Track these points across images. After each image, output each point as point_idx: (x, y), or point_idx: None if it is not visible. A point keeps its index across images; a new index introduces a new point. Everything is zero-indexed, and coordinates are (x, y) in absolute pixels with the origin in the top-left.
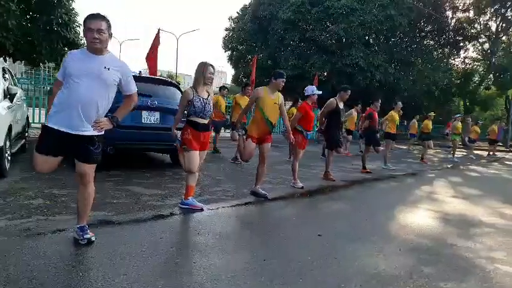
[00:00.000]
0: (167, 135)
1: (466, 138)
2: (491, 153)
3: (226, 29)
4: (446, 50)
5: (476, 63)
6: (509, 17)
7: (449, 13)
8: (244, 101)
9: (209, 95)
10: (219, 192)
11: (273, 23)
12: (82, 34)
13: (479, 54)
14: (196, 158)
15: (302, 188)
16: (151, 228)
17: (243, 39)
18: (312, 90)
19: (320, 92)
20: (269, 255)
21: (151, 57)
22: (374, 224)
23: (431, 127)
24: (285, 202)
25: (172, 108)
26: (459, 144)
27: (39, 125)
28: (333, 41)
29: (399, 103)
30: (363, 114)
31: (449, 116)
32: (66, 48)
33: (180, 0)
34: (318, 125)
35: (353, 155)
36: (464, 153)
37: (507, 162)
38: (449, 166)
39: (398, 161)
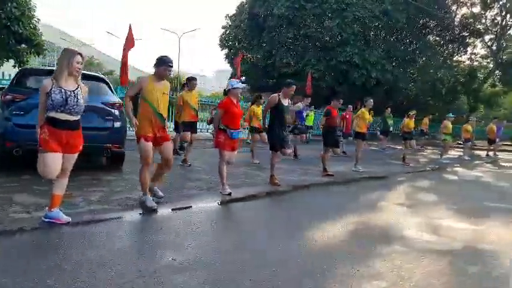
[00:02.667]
0: (86, 136)
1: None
2: (490, 153)
3: (223, 27)
4: (451, 46)
5: (483, 60)
6: None
7: (453, 8)
8: (191, 97)
9: (78, 87)
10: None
11: (268, 20)
12: (41, 30)
13: (486, 51)
14: (52, 161)
15: (229, 194)
16: None
17: (239, 37)
18: (232, 84)
19: (244, 85)
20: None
21: (125, 53)
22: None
23: (413, 126)
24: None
25: (93, 105)
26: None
27: None
28: (328, 38)
29: (371, 100)
30: (345, 114)
31: (457, 115)
32: (23, 45)
33: (182, 0)
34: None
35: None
36: (461, 154)
37: (503, 164)
38: (430, 168)
39: (380, 162)
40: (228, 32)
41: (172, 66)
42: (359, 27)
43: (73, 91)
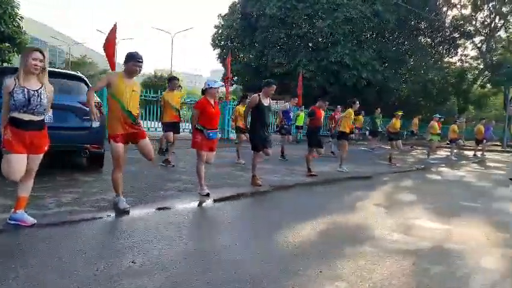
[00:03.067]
0: (62, 135)
1: (460, 140)
2: (478, 153)
3: (216, 27)
4: (442, 47)
5: (474, 62)
6: (506, 12)
7: (444, 10)
8: (172, 97)
9: (42, 86)
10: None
11: (260, 20)
12: (24, 28)
13: (476, 52)
14: (16, 163)
15: (208, 195)
16: None
17: (231, 37)
18: (209, 83)
19: (221, 84)
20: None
21: (109, 49)
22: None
23: (399, 126)
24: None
25: (70, 105)
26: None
27: None
28: (319, 38)
29: (357, 101)
30: (334, 114)
31: (448, 116)
32: (6, 44)
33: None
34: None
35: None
36: (448, 154)
37: (489, 164)
38: (416, 168)
39: (367, 162)
40: (220, 31)
41: (141, 62)
42: (350, 27)
43: (36, 90)
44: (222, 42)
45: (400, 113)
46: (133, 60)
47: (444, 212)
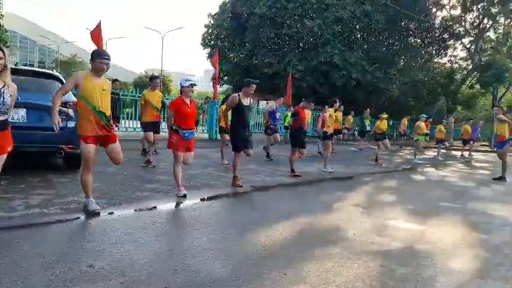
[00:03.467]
0: (36, 135)
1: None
2: (465, 153)
3: (206, 26)
4: (430, 48)
5: (463, 63)
6: (495, 13)
7: (434, 11)
8: (153, 96)
9: (5, 85)
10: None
11: (250, 19)
12: (11, 27)
13: (465, 53)
14: None
15: (184, 196)
16: None
17: (221, 37)
18: (182, 82)
19: (192, 82)
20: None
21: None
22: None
23: (385, 127)
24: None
25: (44, 104)
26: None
27: None
28: (309, 38)
29: (337, 100)
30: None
31: (438, 116)
32: None
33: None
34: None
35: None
36: (435, 154)
37: (475, 164)
38: (401, 168)
39: (353, 163)
40: (210, 31)
41: (107, 59)
42: (340, 28)
43: None
44: (212, 42)
45: (385, 116)
46: (99, 57)
47: (421, 213)
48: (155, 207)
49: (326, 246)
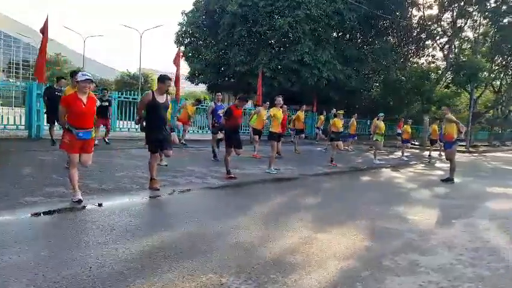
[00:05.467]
0: None
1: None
2: (434, 153)
3: (179, 24)
4: (406, 48)
5: (440, 63)
6: (473, 12)
7: (410, 10)
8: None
9: None
10: None
11: (223, 17)
12: None
13: (442, 52)
14: None
15: (79, 201)
16: None
17: (196, 35)
18: (80, 76)
19: (88, 76)
20: None
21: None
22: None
23: (340, 125)
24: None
25: None
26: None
27: None
28: (279, 36)
29: (279, 99)
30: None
31: (418, 116)
32: None
33: None
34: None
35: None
36: (407, 154)
37: (437, 165)
38: (354, 169)
39: (308, 163)
40: (184, 29)
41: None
42: (311, 26)
43: None
44: (186, 40)
45: (341, 112)
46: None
47: (322, 219)
48: (46, 213)
49: (179, 259)
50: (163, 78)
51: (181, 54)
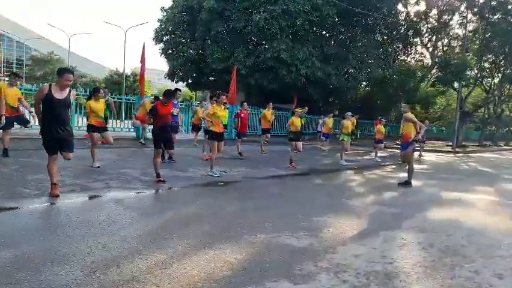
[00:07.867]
0: None
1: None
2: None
3: (159, 20)
4: (393, 46)
5: (427, 60)
6: (460, 6)
7: (396, 6)
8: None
9: None
10: None
11: (201, 13)
12: None
13: (427, 50)
14: None
15: None
16: None
17: (176, 32)
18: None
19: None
20: None
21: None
22: None
23: (299, 125)
24: None
25: None
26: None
27: None
28: (255, 32)
29: (223, 96)
30: (239, 112)
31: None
32: None
33: None
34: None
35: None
36: (373, 155)
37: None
38: (314, 171)
39: (265, 165)
40: (163, 25)
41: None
42: (288, 21)
43: None
44: (165, 37)
45: (300, 110)
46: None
47: (213, 231)
48: None
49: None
50: (61, 71)
51: (144, 53)
